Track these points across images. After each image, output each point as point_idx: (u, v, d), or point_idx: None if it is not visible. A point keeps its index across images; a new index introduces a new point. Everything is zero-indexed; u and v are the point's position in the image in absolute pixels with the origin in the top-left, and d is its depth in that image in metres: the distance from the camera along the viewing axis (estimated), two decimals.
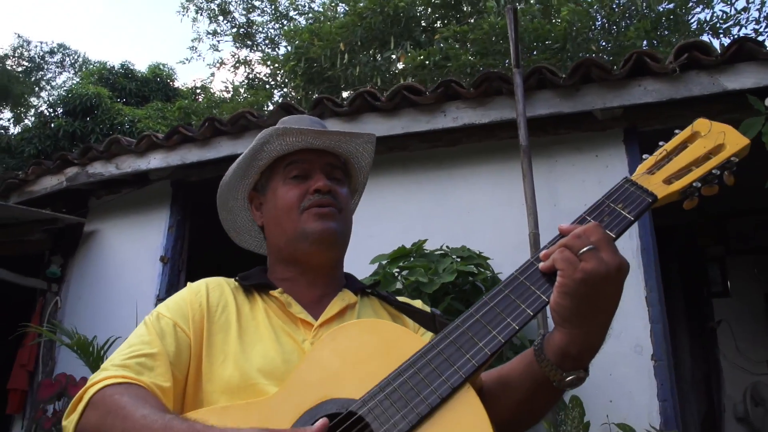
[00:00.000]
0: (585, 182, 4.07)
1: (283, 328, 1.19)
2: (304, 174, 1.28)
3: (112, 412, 0.96)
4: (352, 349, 1.01)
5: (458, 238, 3.99)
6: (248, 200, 1.39)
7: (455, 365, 0.91)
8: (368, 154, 1.40)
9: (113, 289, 5.22)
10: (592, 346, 0.96)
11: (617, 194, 1.01)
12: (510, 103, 4.04)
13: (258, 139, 1.29)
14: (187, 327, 1.15)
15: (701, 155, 1.03)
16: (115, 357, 1.10)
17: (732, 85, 3.74)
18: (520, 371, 1.05)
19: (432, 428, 0.88)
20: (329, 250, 1.26)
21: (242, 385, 1.07)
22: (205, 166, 4.93)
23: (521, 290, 0.96)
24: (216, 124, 4.65)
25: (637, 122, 4.06)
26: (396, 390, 0.91)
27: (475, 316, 0.96)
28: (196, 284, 1.25)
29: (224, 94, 14.52)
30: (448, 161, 4.45)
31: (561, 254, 0.92)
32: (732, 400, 5.81)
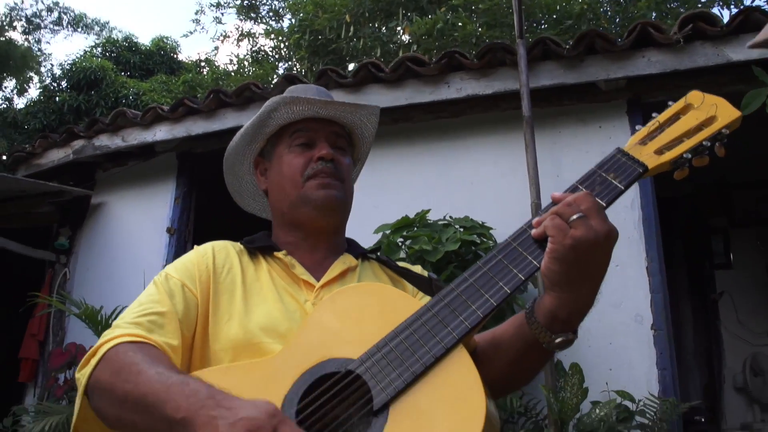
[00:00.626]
0: (588, 153, 4.08)
1: (286, 289, 1.24)
2: (309, 142, 1.32)
3: (126, 368, 0.99)
4: (351, 311, 1.05)
5: (461, 209, 4.03)
6: (254, 165, 1.42)
7: (449, 326, 0.95)
8: (372, 126, 1.44)
9: (121, 260, 5.29)
10: (580, 310, 0.99)
11: (609, 164, 1.04)
12: (514, 74, 4.04)
13: (266, 107, 1.32)
14: (194, 287, 1.20)
15: (693, 127, 1.04)
16: (126, 315, 1.14)
17: (737, 56, 3.73)
18: (512, 333, 1.08)
19: (426, 386, 0.92)
20: (331, 216, 1.31)
21: (246, 343, 1.12)
22: (211, 138, 4.96)
23: (514, 256, 0.99)
24: (221, 95, 4.68)
25: (640, 93, 4.06)
26: (392, 350, 0.95)
27: (469, 280, 0.99)
28: (202, 247, 1.29)
29: (229, 67, 14.49)
30: (451, 132, 4.47)
31: (552, 221, 0.95)
32: (732, 371, 5.88)
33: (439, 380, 0.92)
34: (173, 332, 1.12)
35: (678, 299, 6.07)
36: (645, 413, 3.23)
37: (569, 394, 3.20)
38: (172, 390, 0.92)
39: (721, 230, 6.30)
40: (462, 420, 0.87)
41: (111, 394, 1.00)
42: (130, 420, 0.98)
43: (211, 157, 5.28)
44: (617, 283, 3.79)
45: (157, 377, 0.95)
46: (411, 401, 0.91)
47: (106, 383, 1.01)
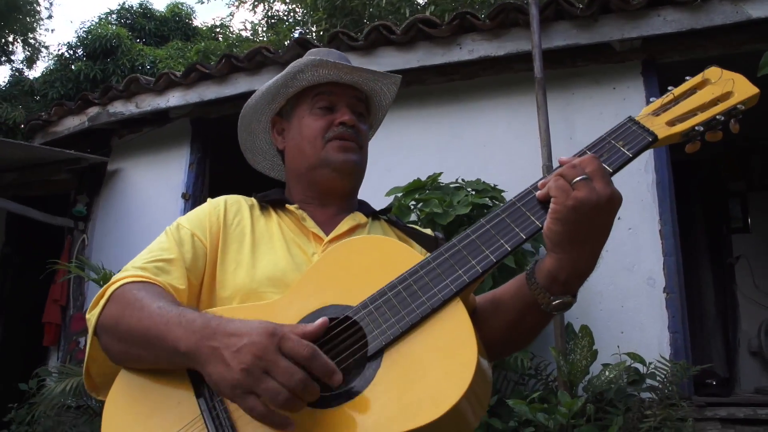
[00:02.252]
0: (602, 114, 4.04)
1: (295, 240, 1.27)
2: (331, 106, 1.34)
3: (131, 304, 1.04)
4: (355, 261, 1.07)
5: (474, 172, 4.02)
6: (271, 124, 1.44)
7: (447, 279, 0.96)
8: (391, 95, 1.46)
9: (137, 225, 5.35)
10: (580, 273, 0.99)
11: (619, 132, 1.04)
12: (526, 34, 3.99)
13: (292, 67, 1.33)
14: (204, 237, 1.23)
15: (708, 101, 1.03)
16: (135, 260, 1.19)
17: (757, 13, 3.65)
18: (512, 293, 1.09)
19: (421, 335, 0.94)
20: (348, 179, 1.33)
21: (251, 291, 1.15)
22: (224, 103, 4.96)
23: (517, 215, 1.00)
24: (233, 60, 4.66)
25: (656, 54, 4.00)
26: (390, 299, 0.97)
27: (471, 236, 1.00)
28: (215, 199, 1.33)
29: (243, 33, 14.39)
30: (464, 95, 4.43)
31: (555, 182, 0.96)
32: (747, 335, 5.85)
33: (434, 330, 0.94)
34: (179, 278, 1.16)
35: (698, 263, 6.02)
36: (655, 376, 3.24)
37: (579, 357, 3.23)
38: (171, 322, 0.97)
39: (739, 194, 6.22)
40: (453, 369, 0.89)
41: (117, 331, 1.05)
42: (135, 354, 1.03)
43: (224, 123, 5.30)
44: (630, 246, 3.77)
45: (158, 311, 1.00)
46: (405, 348, 0.93)
47: (111, 320, 1.06)
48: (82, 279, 5.44)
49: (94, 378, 1.15)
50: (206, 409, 0.95)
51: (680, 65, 4.06)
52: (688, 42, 3.89)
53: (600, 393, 3.22)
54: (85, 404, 4.46)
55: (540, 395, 3.15)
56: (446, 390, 0.87)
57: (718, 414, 3.47)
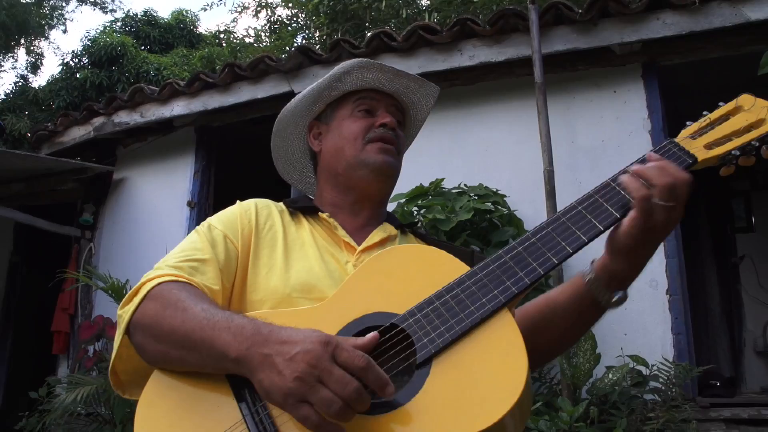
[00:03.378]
0: (603, 118, 4.06)
1: (328, 249, 1.26)
2: (371, 110, 1.36)
3: (172, 304, 1.02)
4: (397, 270, 1.07)
5: (476, 176, 4.04)
6: (307, 128, 1.44)
7: (496, 290, 0.98)
8: (427, 108, 1.47)
9: (143, 234, 5.40)
10: (637, 272, 1.06)
11: (661, 153, 1.08)
12: (526, 39, 4.01)
13: (338, 69, 1.35)
14: (236, 239, 1.22)
15: (742, 127, 1.08)
16: (168, 259, 1.16)
17: (756, 14, 3.66)
18: (568, 294, 1.12)
19: (470, 344, 0.95)
20: (384, 181, 1.34)
21: (284, 296, 1.15)
22: (227, 112, 5.01)
23: (563, 229, 1.04)
24: (236, 69, 4.71)
25: (656, 57, 4.01)
26: (438, 308, 0.98)
27: (518, 248, 1.04)
28: (246, 202, 1.32)
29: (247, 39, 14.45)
30: (466, 100, 4.46)
31: (645, 203, 0.98)
32: (752, 335, 5.85)
33: (483, 340, 0.95)
34: (214, 278, 1.14)
35: (702, 263, 6.02)
36: (658, 378, 3.26)
37: (582, 360, 3.24)
38: (219, 327, 0.95)
39: (743, 193, 6.22)
40: (504, 379, 0.90)
41: (156, 330, 1.02)
42: (176, 356, 1.00)
43: (228, 131, 5.36)
44: None
45: (203, 314, 0.98)
46: (454, 358, 0.94)
47: (151, 319, 1.03)
48: (90, 287, 5.49)
49: (119, 375, 1.14)
50: (248, 414, 0.94)
51: (681, 68, 4.08)
52: (689, 44, 3.90)
53: (603, 396, 3.24)
54: (95, 412, 4.50)
55: (544, 400, 3.17)
56: (496, 401, 0.87)
57: (722, 415, 3.48)
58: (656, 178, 0.98)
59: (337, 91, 1.37)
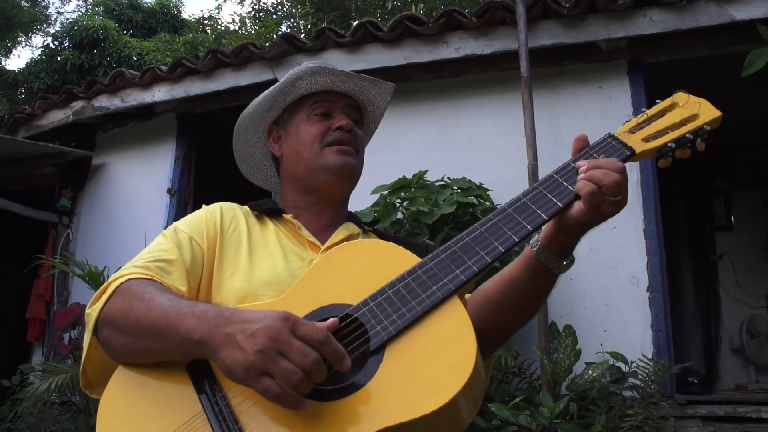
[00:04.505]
0: (588, 114, 4.05)
1: (292, 248, 1.30)
2: (327, 112, 1.38)
3: (138, 297, 1.05)
4: (351, 264, 1.11)
5: (460, 170, 4.02)
6: (267, 132, 1.47)
7: (446, 278, 1.02)
8: (384, 104, 1.50)
9: (122, 220, 5.33)
10: (578, 241, 1.14)
11: (600, 146, 1.14)
12: (513, 33, 3.99)
13: (290, 75, 1.37)
14: (202, 241, 1.26)
15: (677, 121, 1.15)
16: (135, 260, 1.19)
17: (741, 14, 3.67)
18: (521, 267, 1.17)
19: (421, 330, 0.98)
20: (345, 182, 1.37)
21: (248, 295, 1.18)
22: (209, 99, 4.94)
23: (508, 220, 1.08)
24: (219, 55, 4.64)
25: (641, 54, 4.01)
26: (390, 297, 1.02)
27: (465, 239, 1.08)
28: (211, 206, 1.36)
29: (231, 26, 14.32)
30: (451, 92, 4.43)
31: (593, 199, 1.04)
32: (729, 333, 5.92)
33: (433, 326, 0.98)
34: (180, 278, 1.18)
35: (679, 260, 6.07)
36: (637, 374, 3.27)
37: (562, 356, 3.25)
38: (183, 313, 0.99)
39: (723, 192, 6.27)
40: (453, 362, 0.93)
41: (122, 323, 1.05)
42: (142, 346, 1.03)
43: (210, 118, 5.29)
44: (614, 244, 3.79)
45: (168, 302, 1.02)
46: (406, 344, 0.97)
47: (118, 312, 1.06)
48: (67, 274, 5.41)
49: (89, 376, 1.16)
50: (208, 405, 0.97)
51: (666, 65, 4.08)
52: (675, 42, 3.91)
53: (583, 392, 3.24)
54: (69, 400, 4.44)
55: (524, 395, 3.17)
56: (446, 382, 0.91)
57: (698, 412, 3.51)
58: (603, 178, 1.04)
59: (292, 95, 1.39)
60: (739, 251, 6.04)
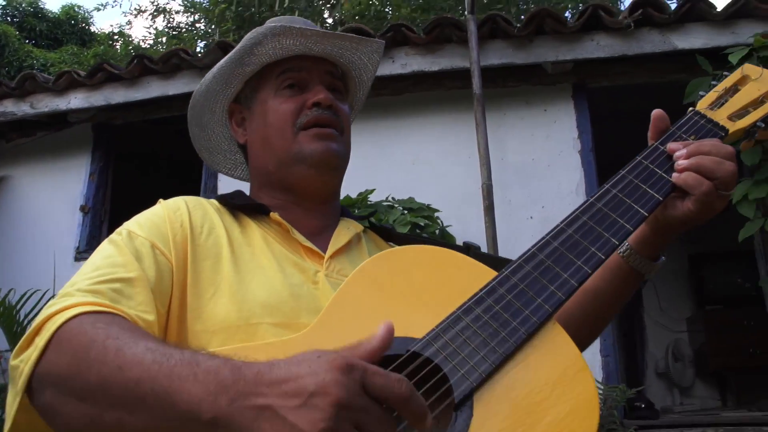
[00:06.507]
0: (534, 136, 4.02)
1: (288, 258, 1.00)
2: (301, 84, 1.08)
3: (97, 346, 0.71)
4: (400, 281, 0.84)
5: (403, 190, 3.87)
6: (228, 114, 1.17)
7: (540, 298, 0.81)
8: (373, 66, 1.20)
9: (28, 240, 4.83)
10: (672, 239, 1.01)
11: (688, 125, 0.98)
12: (460, 51, 3.92)
13: (247, 40, 1.07)
14: (167, 249, 0.93)
15: (757, 98, 1.01)
16: (78, 281, 0.85)
17: (682, 44, 3.75)
18: (607, 275, 1.02)
19: (517, 369, 0.75)
20: (329, 174, 1.08)
21: (241, 324, 0.88)
22: (132, 108, 4.58)
23: (604, 219, 0.89)
24: (146, 61, 4.31)
25: (585, 78, 4.03)
26: (469, 326, 0.77)
27: (553, 244, 0.87)
28: (171, 201, 1.03)
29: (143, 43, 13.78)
30: (393, 110, 4.30)
31: (707, 192, 0.89)
32: (654, 357, 6.04)
33: (535, 362, 0.76)
34: (146, 303, 0.85)
35: None
36: None
37: None
38: (177, 374, 0.65)
39: None
40: (573, 410, 0.72)
41: (79, 384, 0.71)
42: (113, 420, 0.68)
43: (131, 130, 4.91)
44: None
45: (150, 355, 0.68)
46: (501, 389, 0.74)
47: (67, 369, 0.71)
48: None
49: None
50: None
51: (608, 90, 4.13)
52: (617, 68, 3.95)
53: None
54: None
55: None
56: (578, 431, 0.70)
57: None
58: (717, 169, 0.88)
59: (252, 65, 1.09)
60: (661, 277, 6.20)
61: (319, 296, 0.95)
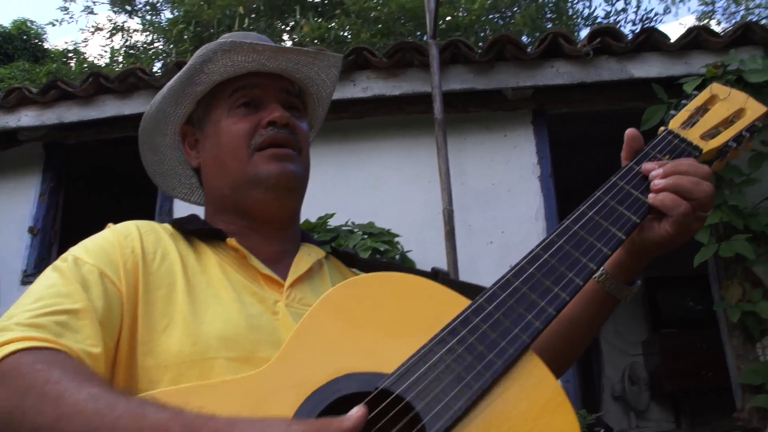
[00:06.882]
0: (494, 161, 4.03)
1: (246, 286, 0.95)
2: (255, 102, 1.04)
3: (36, 390, 0.65)
4: (367, 311, 0.79)
5: (363, 215, 3.83)
6: (180, 136, 1.12)
7: (516, 328, 0.76)
8: (331, 82, 1.16)
9: None
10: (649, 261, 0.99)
11: (662, 145, 0.95)
12: (422, 76, 3.93)
13: (197, 57, 1.03)
14: (117, 278, 0.87)
15: (726, 117, 1.00)
16: (17, 313, 0.79)
17: (638, 72, 3.83)
18: (582, 301, 0.98)
19: (493, 405, 0.70)
20: (287, 197, 1.03)
21: (196, 359, 0.82)
22: (86, 128, 4.45)
23: (580, 243, 0.85)
24: (101, 80, 4.20)
25: (545, 104, 4.08)
26: (443, 359, 0.72)
27: (529, 270, 0.82)
28: (121, 225, 0.98)
29: (98, 60, 13.54)
30: (353, 134, 4.27)
31: (686, 213, 0.86)
32: (610, 381, 6.09)
33: (512, 397, 0.71)
34: (92, 337, 0.80)
35: None
36: None
37: None
38: (121, 427, 0.61)
39: None
40: None
41: (13, 428, 0.66)
42: None
43: (84, 150, 4.78)
44: None
45: (93, 405, 0.63)
46: (478, 427, 0.69)
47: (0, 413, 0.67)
48: None
49: None
50: None
51: (567, 117, 4.18)
52: (576, 95, 4.01)
53: None
54: None
55: None
56: None
57: None
58: (695, 190, 0.85)
59: (204, 84, 1.05)
60: None
61: (279, 327, 0.91)
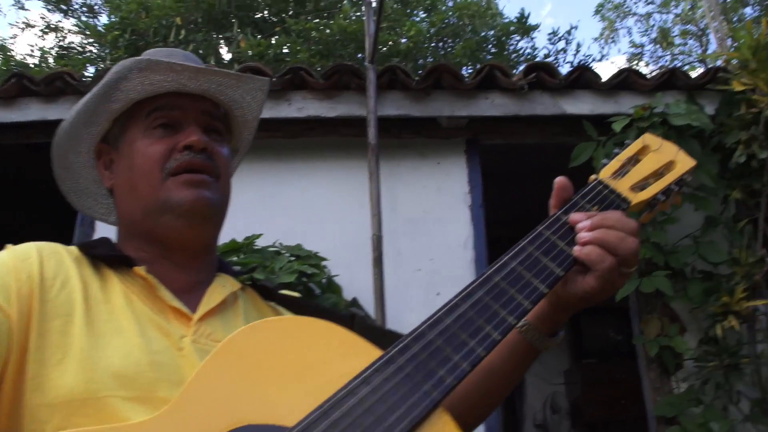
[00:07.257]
0: (426, 188, 4.05)
1: (152, 319, 0.88)
2: (174, 124, 0.99)
3: None
4: (271, 356, 0.74)
5: (292, 236, 3.77)
6: (95, 155, 1.06)
7: (426, 385, 0.72)
8: (257, 105, 1.11)
9: None
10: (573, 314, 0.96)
11: (591, 195, 0.94)
12: (358, 99, 3.91)
13: (113, 73, 0.97)
14: (7, 305, 0.80)
15: (657, 169, 1.00)
16: None
17: (571, 109, 3.92)
18: (503, 353, 0.94)
19: None
20: (201, 226, 0.98)
21: (88, 398, 0.76)
22: (6, 131, 4.22)
23: (500, 296, 0.81)
24: (25, 81, 4.01)
25: (479, 134, 4.12)
26: (348, 414, 0.68)
27: (444, 321, 0.78)
28: (21, 247, 0.90)
29: (28, 59, 13.06)
30: (285, 154, 4.21)
31: (610, 270, 0.84)
32: (533, 409, 6.17)
33: None
34: None
35: None
36: None
37: None
38: None
39: None
40: None
41: None
42: None
43: (3, 153, 4.54)
44: None
45: None
46: None
47: None
48: None
49: None
50: None
51: (500, 148, 4.24)
52: (510, 127, 4.07)
53: None
54: None
55: None
56: None
57: None
58: (620, 246, 0.83)
59: (120, 102, 0.99)
60: None
61: (183, 365, 0.84)
